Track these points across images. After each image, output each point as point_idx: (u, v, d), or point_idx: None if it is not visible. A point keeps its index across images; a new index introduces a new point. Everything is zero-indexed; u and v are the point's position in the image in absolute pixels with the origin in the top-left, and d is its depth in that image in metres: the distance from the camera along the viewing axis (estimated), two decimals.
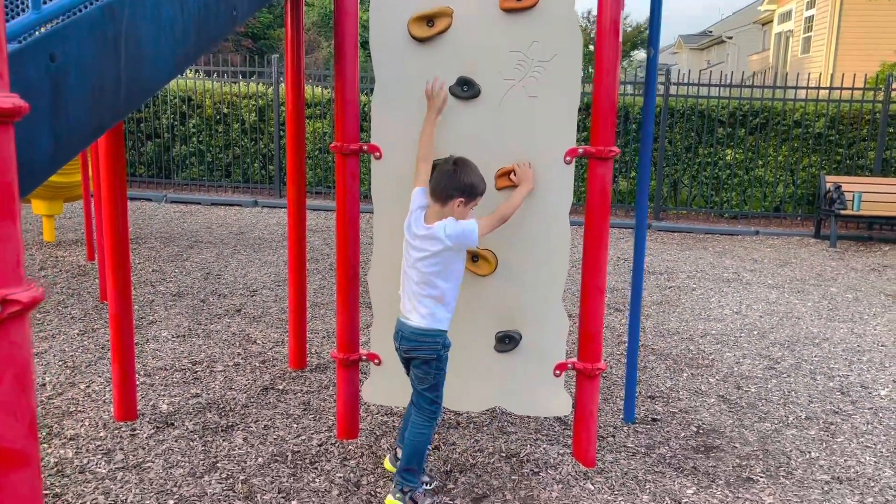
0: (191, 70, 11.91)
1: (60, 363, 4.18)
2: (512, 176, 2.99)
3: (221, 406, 3.69)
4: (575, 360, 3.15)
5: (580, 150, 2.97)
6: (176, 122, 11.68)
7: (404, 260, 2.87)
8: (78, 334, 4.68)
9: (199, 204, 10.92)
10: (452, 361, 2.95)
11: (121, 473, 2.97)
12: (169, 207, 10.51)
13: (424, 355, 2.79)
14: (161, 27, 1.92)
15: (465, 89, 3.00)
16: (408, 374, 2.94)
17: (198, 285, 6.09)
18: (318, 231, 8.99)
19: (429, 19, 2.97)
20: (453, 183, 2.73)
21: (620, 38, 2.90)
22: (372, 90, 3.07)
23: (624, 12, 2.98)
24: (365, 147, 3.09)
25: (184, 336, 4.76)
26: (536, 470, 3.15)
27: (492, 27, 2.96)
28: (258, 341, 4.72)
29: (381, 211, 3.15)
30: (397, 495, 2.82)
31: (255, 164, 11.69)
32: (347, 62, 3.02)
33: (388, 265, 3.16)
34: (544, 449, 3.33)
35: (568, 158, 2.99)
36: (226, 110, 11.56)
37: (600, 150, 2.92)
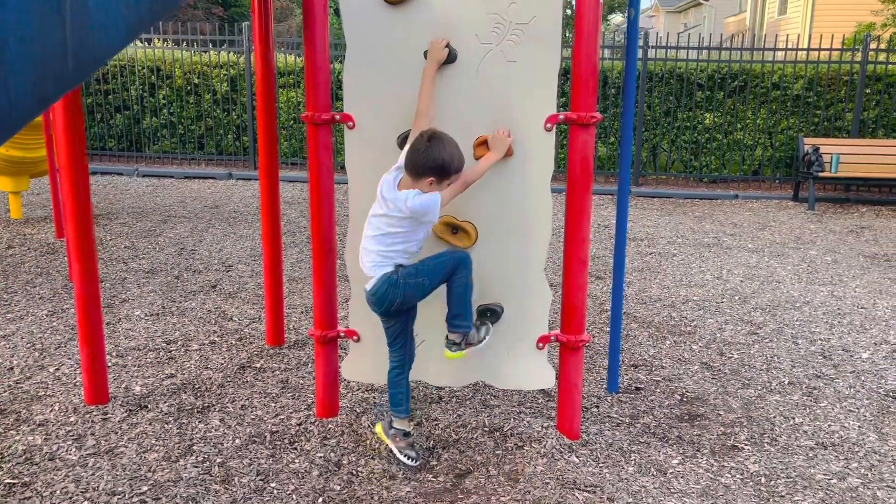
0: (159, 39, 11.58)
1: (29, 345, 4.05)
2: (489, 139, 2.88)
3: (197, 386, 3.59)
4: (558, 332, 3.09)
5: (561, 117, 2.87)
6: (145, 94, 11.37)
7: (370, 214, 2.81)
8: (47, 315, 4.54)
9: (172, 177, 10.69)
10: (434, 336, 2.88)
11: (92, 459, 2.87)
12: (141, 181, 10.27)
13: (408, 292, 2.75)
14: None
15: None
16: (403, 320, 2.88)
17: (171, 261, 5.95)
18: (294, 203, 8.83)
19: None
20: (425, 161, 2.64)
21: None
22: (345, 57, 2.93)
23: None
24: (338, 116, 2.97)
25: (157, 314, 4.64)
26: (520, 444, 3.10)
27: None
28: (234, 318, 4.61)
29: (356, 183, 3.04)
30: (453, 348, 2.85)
31: (229, 136, 11.45)
32: (317, 26, 2.88)
33: None
34: (528, 422, 3.28)
35: (548, 125, 2.89)
36: (196, 80, 11.26)
37: (581, 115, 2.82)
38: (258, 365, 3.88)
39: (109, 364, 3.82)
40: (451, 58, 2.87)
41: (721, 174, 10.81)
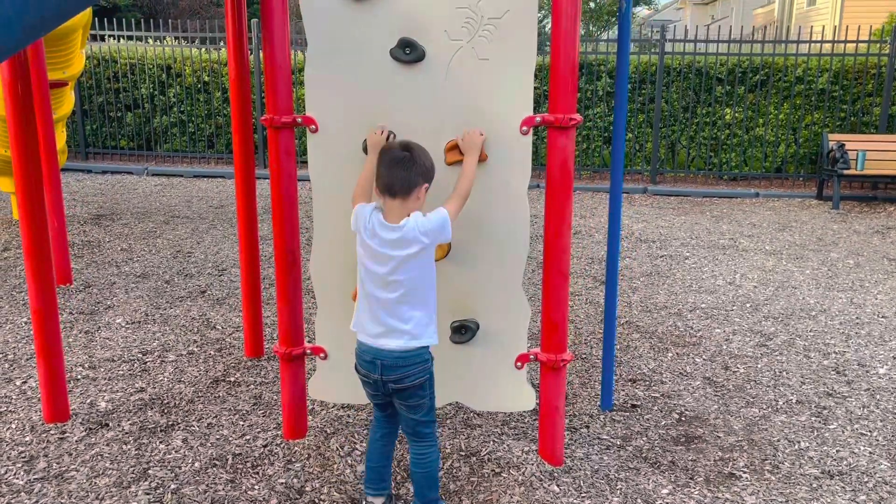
0: (169, 37, 11.50)
1: (0, 356, 3.92)
2: (460, 142, 2.66)
3: (166, 402, 3.43)
4: (538, 350, 2.86)
5: (538, 119, 2.64)
6: (156, 92, 11.30)
7: (363, 275, 2.39)
8: (26, 323, 4.41)
9: (182, 176, 10.61)
10: None
11: (39, 485, 2.71)
12: (150, 181, 10.20)
13: (417, 380, 2.36)
14: None
15: (408, 52, 2.66)
16: (381, 409, 2.51)
17: (165, 265, 5.82)
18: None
19: None
20: (416, 169, 2.32)
21: None
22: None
23: None
24: (300, 119, 2.77)
25: (139, 322, 4.50)
26: (498, 470, 2.89)
27: None
28: (218, 326, 4.45)
29: (320, 189, 2.84)
30: None
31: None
32: (276, 21, 2.69)
33: (331, 250, 2.87)
34: (508, 446, 3.06)
35: (524, 128, 2.66)
36: (206, 78, 11.17)
37: (560, 118, 2.59)
38: (233, 378, 3.71)
39: (79, 377, 3.68)
40: (417, 55, 2.66)
41: (742, 171, 10.45)
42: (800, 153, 10.32)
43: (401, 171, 2.32)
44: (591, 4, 26.18)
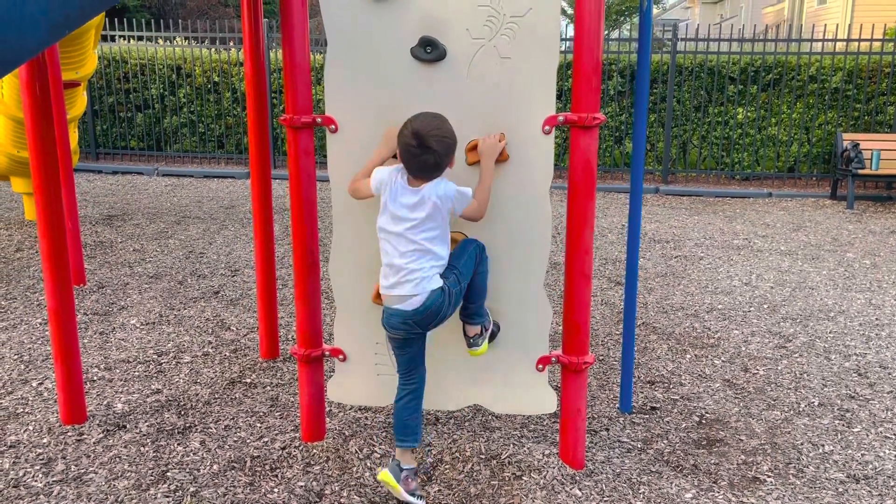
0: (179, 37, 11.51)
1: (16, 357, 3.91)
2: (480, 143, 2.64)
3: (182, 403, 3.41)
4: (559, 352, 2.83)
5: (560, 119, 2.61)
6: (166, 93, 11.31)
7: (386, 236, 2.54)
8: (41, 323, 4.41)
9: (192, 177, 10.61)
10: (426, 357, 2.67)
11: (58, 487, 2.69)
12: (160, 181, 10.20)
13: (455, 301, 2.57)
14: None
15: (429, 51, 2.64)
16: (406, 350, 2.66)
17: (178, 265, 5.81)
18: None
19: None
20: (428, 162, 2.43)
21: None
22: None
23: None
24: (319, 119, 2.75)
25: (154, 323, 4.48)
26: (519, 473, 2.85)
27: None
28: (232, 327, 4.43)
29: (341, 191, 2.81)
30: (479, 341, 2.71)
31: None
32: (295, 22, 2.66)
33: (350, 251, 2.84)
34: (528, 449, 3.03)
35: (547, 128, 2.63)
36: (216, 79, 11.17)
37: (583, 117, 2.55)
38: (249, 380, 3.69)
39: (96, 378, 3.67)
40: (439, 54, 2.63)
41: (754, 171, 10.38)
42: (813, 153, 10.25)
43: (416, 162, 2.44)
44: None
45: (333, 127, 2.75)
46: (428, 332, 2.64)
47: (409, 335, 2.60)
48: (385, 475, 2.60)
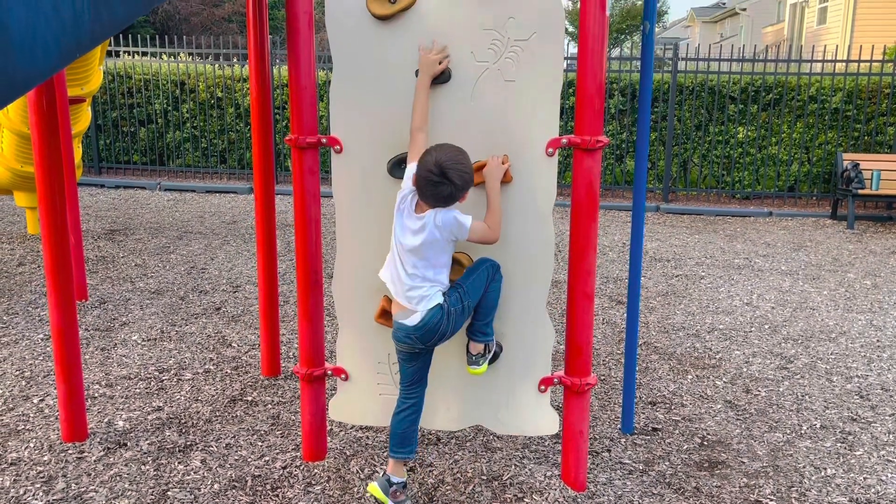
0: (183, 53, 11.58)
1: (17, 373, 3.91)
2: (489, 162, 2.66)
3: (183, 421, 3.40)
4: (562, 373, 2.83)
5: (564, 141, 2.63)
6: (169, 108, 11.37)
7: (393, 246, 2.61)
8: (42, 339, 4.41)
9: (194, 191, 10.64)
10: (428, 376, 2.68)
11: None
12: (162, 196, 10.23)
13: (457, 320, 2.60)
14: (40, 9, 1.60)
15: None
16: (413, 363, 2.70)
17: (179, 281, 5.81)
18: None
19: None
20: (444, 193, 2.47)
21: (608, 10, 2.55)
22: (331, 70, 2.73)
23: None
24: (324, 139, 2.77)
25: (155, 339, 4.48)
26: (520, 495, 2.85)
27: (461, 2, 2.62)
28: (233, 344, 4.43)
29: (344, 210, 2.83)
30: (479, 360, 2.73)
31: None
32: (301, 43, 2.68)
33: (355, 271, 2.85)
34: (530, 470, 3.02)
35: (550, 150, 2.65)
36: (220, 94, 11.23)
37: (586, 140, 2.57)
38: (250, 397, 3.68)
39: (97, 395, 3.66)
40: (444, 77, 2.65)
41: (755, 190, 10.41)
42: (813, 172, 10.28)
43: (431, 189, 2.47)
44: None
45: (338, 147, 2.77)
46: (433, 348, 2.68)
47: (414, 349, 2.64)
48: (373, 488, 2.69)
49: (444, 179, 2.42)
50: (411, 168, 2.57)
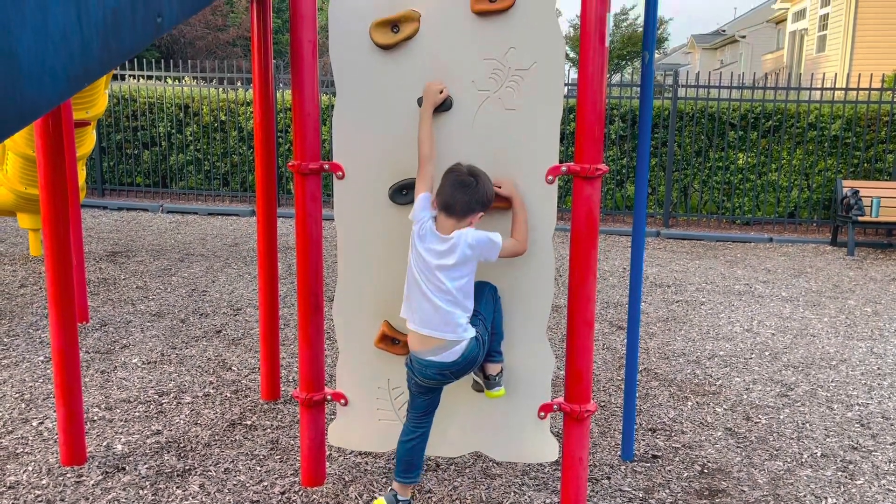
0: (188, 77, 11.69)
1: (17, 395, 3.91)
2: (501, 190, 2.69)
3: (182, 445, 3.40)
4: (561, 400, 2.83)
5: (563, 169, 2.66)
6: (173, 131, 11.45)
7: (416, 279, 2.58)
8: (42, 361, 4.41)
9: (196, 214, 10.68)
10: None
11: None
12: (165, 218, 10.27)
13: (474, 360, 2.63)
14: (49, 38, 1.63)
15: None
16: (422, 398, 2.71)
17: (180, 303, 5.82)
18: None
19: (393, 24, 2.67)
20: (476, 197, 2.52)
21: (607, 42, 2.59)
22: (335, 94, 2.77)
23: (634, 12, 2.68)
24: (326, 166, 2.79)
25: (155, 362, 4.48)
26: None
27: (463, 32, 2.66)
28: (233, 367, 4.43)
29: (346, 235, 2.85)
30: (498, 380, 2.74)
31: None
32: (305, 72, 2.72)
33: (355, 296, 2.87)
34: (529, 497, 3.01)
35: (550, 178, 2.68)
36: (223, 117, 11.32)
37: (585, 168, 2.60)
38: (250, 422, 3.68)
39: (96, 418, 3.66)
40: (445, 105, 2.69)
41: (755, 216, 10.44)
42: (813, 198, 10.32)
43: (463, 196, 2.51)
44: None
45: (340, 174, 2.80)
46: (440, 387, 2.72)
47: (441, 384, 2.67)
48: (381, 502, 2.70)
49: (477, 185, 2.50)
50: (424, 198, 2.59)
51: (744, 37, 31.87)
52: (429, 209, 2.60)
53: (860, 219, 8.99)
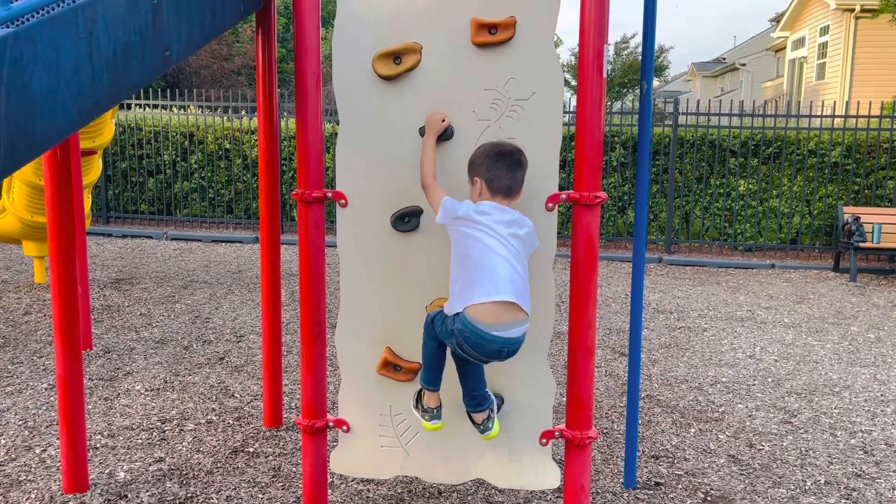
0: (193, 106, 11.83)
1: (21, 423, 3.92)
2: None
3: (184, 473, 3.40)
4: (563, 426, 2.84)
5: (563, 196, 2.69)
6: (178, 159, 11.56)
7: (490, 247, 2.50)
8: (46, 388, 4.42)
9: (200, 241, 10.73)
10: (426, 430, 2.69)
11: None
12: (168, 245, 10.33)
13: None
14: (60, 72, 1.68)
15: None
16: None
17: (184, 330, 5.84)
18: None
19: (395, 56, 2.73)
20: (521, 176, 2.57)
21: (606, 73, 2.64)
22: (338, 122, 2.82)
23: (634, 41, 2.74)
24: (330, 194, 2.83)
25: (158, 389, 4.49)
26: None
27: (464, 64, 2.71)
28: (236, 394, 4.44)
29: (349, 263, 2.88)
30: (490, 425, 2.70)
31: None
32: (309, 101, 2.77)
33: (357, 323, 2.89)
34: None
35: (550, 205, 2.71)
36: (228, 146, 11.43)
37: (585, 196, 2.63)
38: (252, 449, 3.68)
39: (99, 446, 3.67)
40: (447, 134, 2.73)
41: (757, 242, 10.47)
42: (815, 225, 10.35)
43: (520, 172, 2.56)
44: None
45: (343, 202, 2.83)
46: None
47: (485, 362, 2.62)
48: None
49: (522, 162, 2.54)
50: (449, 199, 2.57)
51: (744, 64, 32.16)
52: (460, 203, 2.58)
53: (862, 245, 9.01)
